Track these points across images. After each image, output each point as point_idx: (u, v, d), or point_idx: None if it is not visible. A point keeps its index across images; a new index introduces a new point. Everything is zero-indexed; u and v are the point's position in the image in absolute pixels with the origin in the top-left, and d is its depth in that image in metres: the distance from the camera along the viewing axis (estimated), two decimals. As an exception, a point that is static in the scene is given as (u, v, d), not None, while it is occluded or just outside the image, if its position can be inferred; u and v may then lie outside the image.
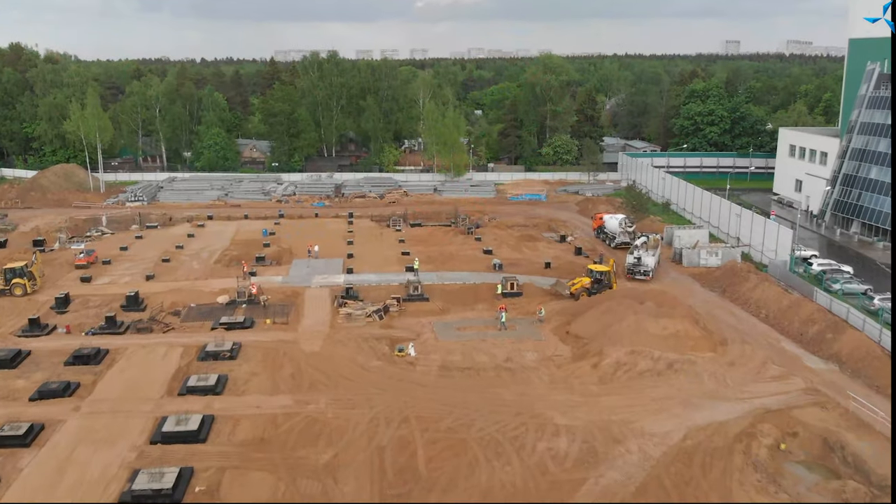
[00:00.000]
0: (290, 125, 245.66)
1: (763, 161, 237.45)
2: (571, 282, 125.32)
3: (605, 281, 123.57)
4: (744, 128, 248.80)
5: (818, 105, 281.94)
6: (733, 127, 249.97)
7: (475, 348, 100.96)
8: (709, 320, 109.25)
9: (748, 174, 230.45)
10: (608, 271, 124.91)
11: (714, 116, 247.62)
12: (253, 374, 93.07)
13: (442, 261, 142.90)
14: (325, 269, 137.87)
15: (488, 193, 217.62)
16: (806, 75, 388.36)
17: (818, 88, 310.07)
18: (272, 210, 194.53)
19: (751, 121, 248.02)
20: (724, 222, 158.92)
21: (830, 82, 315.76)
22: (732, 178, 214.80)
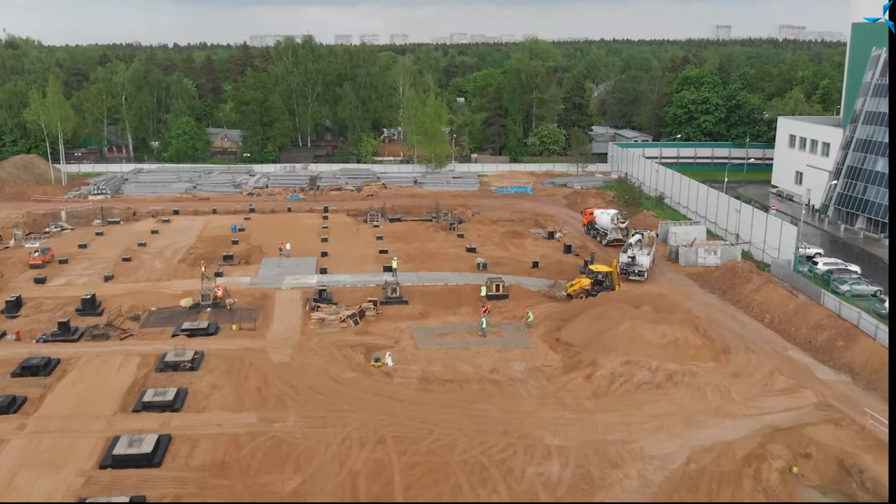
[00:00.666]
0: (263, 114, 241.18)
1: (760, 151, 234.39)
2: (570, 283, 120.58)
3: (607, 283, 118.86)
4: (740, 117, 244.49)
5: (815, 92, 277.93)
6: (729, 116, 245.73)
7: (458, 357, 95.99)
8: (710, 326, 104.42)
9: (745, 165, 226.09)
10: (610, 272, 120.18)
11: (709, 105, 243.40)
12: (215, 388, 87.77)
13: (422, 259, 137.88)
14: (297, 268, 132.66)
15: (471, 186, 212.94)
16: (802, 61, 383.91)
17: (815, 75, 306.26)
18: (243, 204, 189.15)
19: (747, 109, 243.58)
20: (722, 218, 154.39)
21: (828, 69, 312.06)
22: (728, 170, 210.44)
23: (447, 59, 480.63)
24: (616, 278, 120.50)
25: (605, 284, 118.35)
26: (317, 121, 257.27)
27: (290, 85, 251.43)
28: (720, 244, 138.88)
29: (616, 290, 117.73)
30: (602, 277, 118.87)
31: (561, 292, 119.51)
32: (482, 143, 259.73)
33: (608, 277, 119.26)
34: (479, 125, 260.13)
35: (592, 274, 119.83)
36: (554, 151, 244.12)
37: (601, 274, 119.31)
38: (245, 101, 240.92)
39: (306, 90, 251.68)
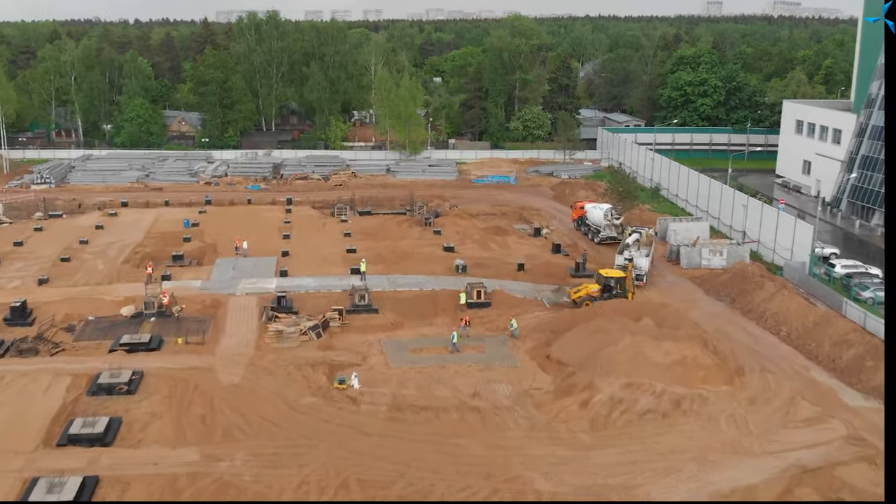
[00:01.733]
0: (224, 95, 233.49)
1: (762, 138, 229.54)
2: (575, 289, 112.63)
3: (618, 290, 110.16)
4: (740, 100, 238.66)
5: (817, 73, 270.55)
6: (728, 99, 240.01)
7: (434, 378, 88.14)
8: (719, 341, 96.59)
9: (745, 153, 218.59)
10: (623, 278, 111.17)
11: (707, 87, 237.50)
12: (154, 416, 79.52)
13: (394, 260, 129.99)
14: (255, 270, 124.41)
15: (449, 175, 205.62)
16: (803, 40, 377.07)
17: (817, 54, 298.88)
18: (199, 194, 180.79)
19: (748, 91, 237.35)
20: (726, 213, 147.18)
21: (830, 47, 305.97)
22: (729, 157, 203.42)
23: (423, 37, 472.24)
24: (631, 285, 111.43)
25: (616, 292, 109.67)
26: (282, 103, 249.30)
27: (252, 64, 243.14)
28: (726, 244, 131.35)
29: (629, 299, 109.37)
30: (613, 283, 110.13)
31: (564, 299, 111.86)
32: (460, 128, 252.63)
33: (620, 284, 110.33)
34: (457, 108, 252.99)
35: (602, 279, 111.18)
36: (538, 137, 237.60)
37: (612, 280, 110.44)
38: (204, 82, 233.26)
39: (270, 70, 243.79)
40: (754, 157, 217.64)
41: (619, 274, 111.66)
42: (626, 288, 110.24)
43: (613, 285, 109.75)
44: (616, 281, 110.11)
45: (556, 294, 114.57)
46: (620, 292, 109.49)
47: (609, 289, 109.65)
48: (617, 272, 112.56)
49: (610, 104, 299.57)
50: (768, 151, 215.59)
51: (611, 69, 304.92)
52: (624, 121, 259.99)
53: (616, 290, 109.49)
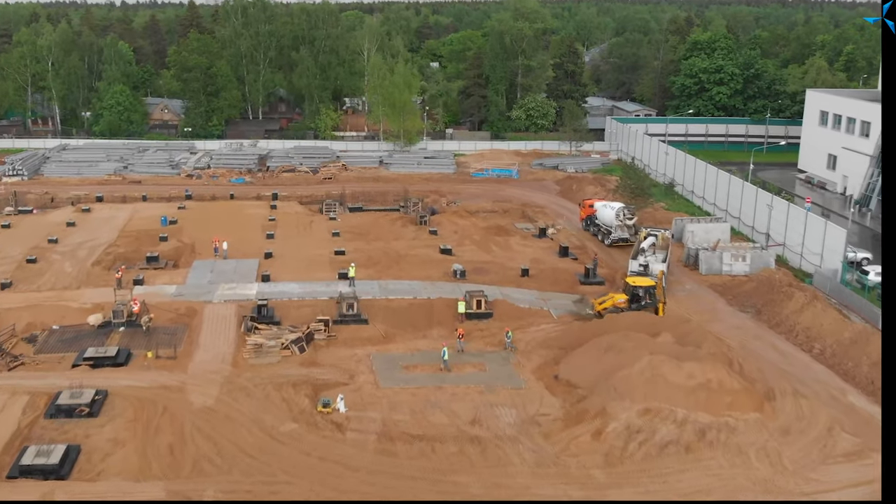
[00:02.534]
0: (208, 82, 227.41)
1: (782, 129, 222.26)
2: (600, 299, 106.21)
3: (648, 300, 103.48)
4: (759, 88, 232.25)
5: (838, 59, 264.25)
6: (746, 87, 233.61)
7: (430, 401, 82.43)
8: (746, 359, 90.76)
9: (764, 145, 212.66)
10: (653, 287, 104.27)
11: (723, 74, 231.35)
12: (116, 444, 73.81)
13: (387, 264, 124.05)
14: (234, 274, 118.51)
15: (447, 168, 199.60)
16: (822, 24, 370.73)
17: (837, 40, 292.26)
18: (180, 188, 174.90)
19: (767, 80, 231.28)
20: (747, 212, 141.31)
21: (851, 32, 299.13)
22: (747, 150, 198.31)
23: (419, 20, 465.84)
24: (662, 295, 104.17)
25: (645, 303, 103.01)
26: (269, 90, 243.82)
27: (239, 49, 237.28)
28: (749, 248, 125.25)
29: (660, 314, 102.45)
30: (642, 293, 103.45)
31: (587, 311, 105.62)
32: (459, 117, 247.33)
33: (650, 294, 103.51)
34: (455, 95, 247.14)
35: (630, 288, 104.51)
36: (542, 127, 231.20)
37: (641, 289, 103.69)
38: (187, 68, 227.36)
39: (258, 55, 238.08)
40: (773, 150, 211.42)
41: (649, 282, 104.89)
42: (656, 298, 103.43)
43: (642, 295, 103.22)
44: (645, 291, 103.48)
45: (578, 305, 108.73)
46: (650, 303, 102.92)
47: (637, 299, 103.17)
48: (646, 280, 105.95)
49: (618, 92, 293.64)
50: (789, 144, 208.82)
51: (619, 55, 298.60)
52: (634, 110, 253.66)
53: (645, 301, 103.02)
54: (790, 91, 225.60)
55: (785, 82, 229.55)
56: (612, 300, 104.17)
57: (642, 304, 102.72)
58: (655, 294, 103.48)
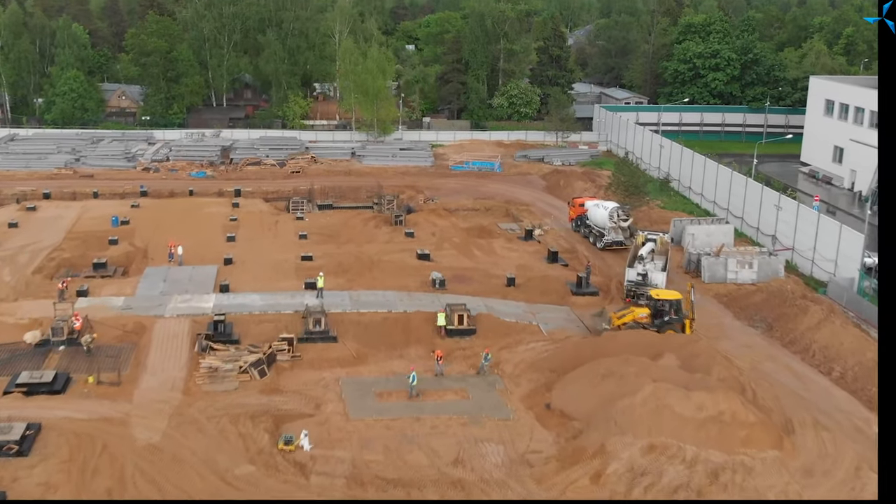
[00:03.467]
0: (168, 67, 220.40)
1: (782, 118, 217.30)
2: (620, 313, 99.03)
3: (674, 316, 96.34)
4: (757, 74, 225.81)
5: (837, 42, 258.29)
6: (743, 73, 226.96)
7: (406, 436, 75.90)
8: (759, 384, 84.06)
9: (763, 136, 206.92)
10: (679, 301, 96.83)
11: (719, 59, 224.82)
12: (48, 488, 67.12)
13: (359, 271, 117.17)
14: (190, 283, 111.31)
15: (424, 160, 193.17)
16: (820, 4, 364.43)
17: (836, 21, 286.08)
18: (135, 183, 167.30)
19: (766, 65, 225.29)
20: (752, 212, 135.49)
21: (850, 14, 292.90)
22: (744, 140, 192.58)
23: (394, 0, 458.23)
24: (691, 310, 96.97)
25: (669, 319, 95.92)
26: (234, 76, 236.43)
27: (201, 32, 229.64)
28: (756, 252, 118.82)
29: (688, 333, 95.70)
30: (667, 307, 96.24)
31: (604, 325, 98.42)
32: (436, 104, 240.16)
33: (676, 309, 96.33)
34: (432, 81, 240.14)
35: (654, 302, 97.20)
36: (526, 115, 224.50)
37: (666, 303, 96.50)
38: (146, 52, 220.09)
39: (221, 38, 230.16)
40: (773, 141, 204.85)
41: (675, 296, 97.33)
42: (682, 314, 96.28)
43: (667, 310, 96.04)
44: (671, 305, 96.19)
45: (596, 319, 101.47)
46: (676, 318, 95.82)
47: (661, 314, 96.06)
48: (672, 293, 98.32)
49: (606, 78, 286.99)
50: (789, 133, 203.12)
51: (606, 37, 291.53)
52: (624, 97, 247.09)
53: (670, 317, 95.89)
54: (791, 77, 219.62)
55: (785, 68, 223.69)
56: (632, 314, 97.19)
57: (666, 321, 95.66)
58: (682, 309, 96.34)
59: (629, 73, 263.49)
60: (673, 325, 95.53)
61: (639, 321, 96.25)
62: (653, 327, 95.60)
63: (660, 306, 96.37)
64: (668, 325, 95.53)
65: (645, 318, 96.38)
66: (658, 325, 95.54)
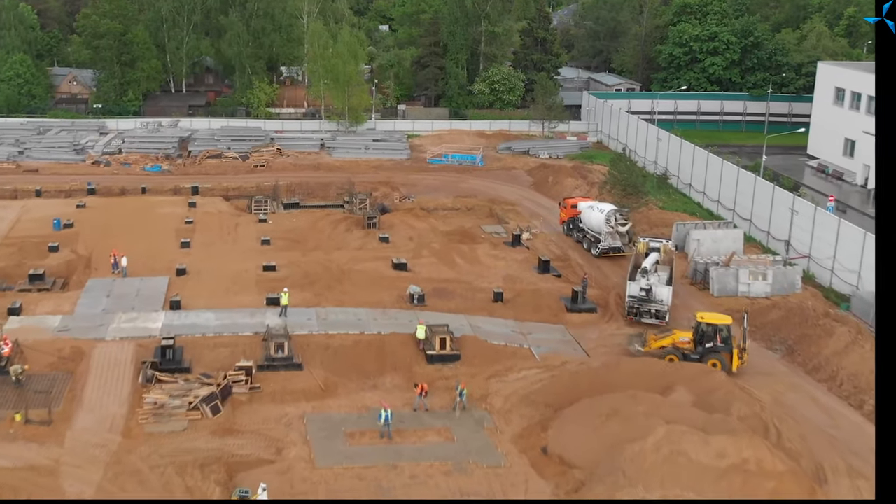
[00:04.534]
0: (122, 50, 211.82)
1: (786, 106, 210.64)
2: (656, 336, 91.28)
3: (720, 344, 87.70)
4: (759, 59, 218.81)
5: (838, 23, 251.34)
6: (744, 58, 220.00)
7: (381, 488, 68.57)
8: (783, 420, 76.61)
9: (766, 125, 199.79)
10: (728, 326, 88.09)
11: (717, 43, 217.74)
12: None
13: (327, 283, 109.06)
14: (136, 299, 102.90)
15: (399, 153, 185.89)
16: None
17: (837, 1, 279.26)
18: (84, 179, 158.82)
19: (768, 49, 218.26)
20: (762, 214, 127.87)
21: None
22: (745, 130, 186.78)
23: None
24: (743, 339, 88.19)
25: (714, 347, 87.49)
26: (194, 59, 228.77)
27: (158, 12, 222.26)
28: (770, 262, 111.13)
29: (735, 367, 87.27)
30: (714, 332, 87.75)
31: (637, 347, 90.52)
32: (412, 91, 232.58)
33: (724, 336, 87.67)
34: (408, 65, 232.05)
35: (701, 328, 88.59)
36: (509, 103, 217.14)
37: (713, 328, 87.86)
38: (98, 34, 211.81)
39: (180, 19, 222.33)
40: (776, 130, 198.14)
41: (724, 320, 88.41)
42: (730, 344, 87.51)
43: (713, 336, 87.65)
44: (717, 331, 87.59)
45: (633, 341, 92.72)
46: (722, 347, 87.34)
47: (707, 338, 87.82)
48: (721, 317, 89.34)
49: (594, 62, 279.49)
50: (793, 123, 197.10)
51: (594, 18, 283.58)
52: (614, 84, 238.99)
53: (716, 345, 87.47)
54: (794, 63, 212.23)
55: (788, 52, 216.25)
56: (672, 339, 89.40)
57: (710, 348, 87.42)
58: (730, 339, 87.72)
59: (619, 57, 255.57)
60: (718, 355, 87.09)
61: (679, 346, 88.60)
62: (693, 355, 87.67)
63: (705, 332, 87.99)
64: (712, 354, 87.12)
65: (686, 344, 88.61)
66: (700, 354, 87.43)
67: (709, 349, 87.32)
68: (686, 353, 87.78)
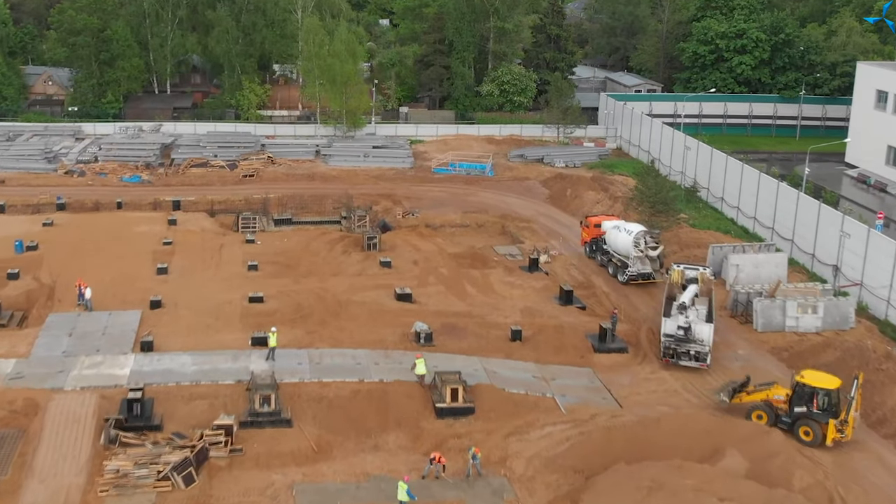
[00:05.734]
0: (101, 48, 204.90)
1: (819, 109, 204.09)
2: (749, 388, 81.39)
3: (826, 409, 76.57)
4: (790, 57, 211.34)
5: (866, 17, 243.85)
6: (774, 57, 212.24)
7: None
8: (849, 489, 68.47)
9: (797, 130, 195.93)
10: (835, 391, 76.67)
11: (746, 40, 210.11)
12: None
13: (322, 317, 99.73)
14: (103, 338, 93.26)
15: (401, 161, 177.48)
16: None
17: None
18: (54, 192, 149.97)
19: (800, 47, 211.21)
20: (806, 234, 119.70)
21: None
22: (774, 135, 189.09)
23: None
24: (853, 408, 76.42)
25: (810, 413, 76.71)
26: (180, 58, 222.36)
27: (141, 7, 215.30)
28: (819, 292, 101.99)
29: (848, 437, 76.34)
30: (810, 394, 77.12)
31: (721, 397, 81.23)
32: (415, 92, 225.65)
33: (831, 401, 76.42)
34: (410, 64, 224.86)
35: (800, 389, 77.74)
36: (520, 105, 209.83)
37: (820, 392, 76.77)
38: (74, 31, 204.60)
39: (164, 14, 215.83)
40: (808, 135, 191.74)
41: (831, 384, 77.41)
42: (837, 410, 76.14)
43: (810, 399, 76.91)
44: (826, 396, 76.51)
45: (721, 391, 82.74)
46: (820, 414, 76.29)
47: (807, 399, 76.96)
48: (828, 379, 78.19)
49: (610, 60, 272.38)
50: (827, 127, 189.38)
51: (610, 13, 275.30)
52: (633, 84, 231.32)
53: (812, 410, 76.77)
54: (829, 62, 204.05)
55: (821, 51, 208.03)
56: (765, 394, 79.39)
57: (806, 413, 76.77)
58: (839, 404, 76.37)
59: (638, 56, 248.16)
60: (814, 423, 76.28)
61: (773, 403, 78.56)
62: (785, 418, 77.61)
63: (807, 394, 77.14)
64: (808, 421, 76.42)
65: (781, 403, 78.34)
66: (792, 419, 77.14)
67: (803, 414, 76.62)
68: (779, 414, 77.87)
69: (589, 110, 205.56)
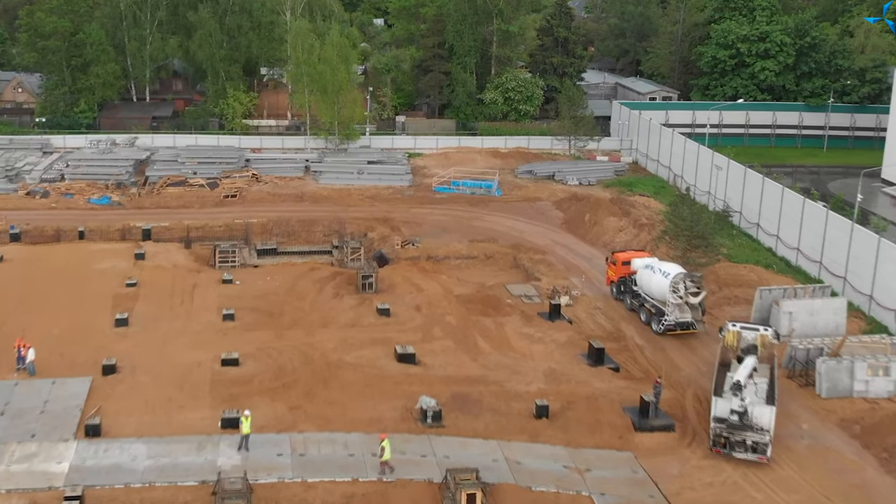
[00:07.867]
0: (73, 52, 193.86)
1: (847, 118, 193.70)
2: None
3: None
4: (817, 63, 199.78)
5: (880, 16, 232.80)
6: (799, 62, 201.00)
7: None
8: None
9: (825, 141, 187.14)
10: None
11: (769, 44, 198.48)
12: None
13: (308, 385, 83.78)
14: (41, 418, 76.95)
15: (399, 178, 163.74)
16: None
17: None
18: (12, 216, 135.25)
19: (826, 51, 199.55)
20: (861, 272, 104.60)
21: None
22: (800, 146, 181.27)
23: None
24: None
25: None
26: (159, 62, 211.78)
27: (117, 8, 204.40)
28: (890, 348, 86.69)
29: None
30: None
31: None
32: (413, 99, 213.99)
33: None
34: (407, 68, 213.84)
35: None
36: (526, 114, 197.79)
37: None
38: (44, 34, 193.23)
39: (142, 16, 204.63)
40: (836, 146, 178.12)
41: None
42: None
43: None
44: None
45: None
46: None
47: None
48: None
49: (619, 64, 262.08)
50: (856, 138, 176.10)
51: (619, 13, 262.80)
52: (648, 91, 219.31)
53: None
54: (857, 67, 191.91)
55: (850, 55, 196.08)
56: None
57: None
58: None
59: (651, 60, 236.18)
60: None
61: None
62: None
63: None
64: None
65: None
66: None
67: None
68: None
69: (600, 119, 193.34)
